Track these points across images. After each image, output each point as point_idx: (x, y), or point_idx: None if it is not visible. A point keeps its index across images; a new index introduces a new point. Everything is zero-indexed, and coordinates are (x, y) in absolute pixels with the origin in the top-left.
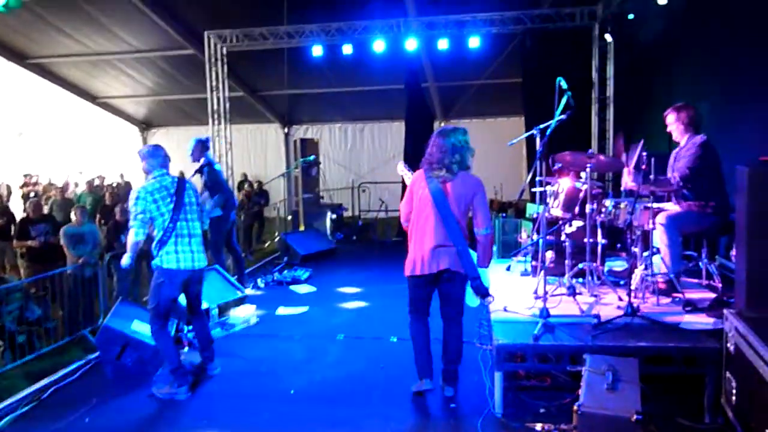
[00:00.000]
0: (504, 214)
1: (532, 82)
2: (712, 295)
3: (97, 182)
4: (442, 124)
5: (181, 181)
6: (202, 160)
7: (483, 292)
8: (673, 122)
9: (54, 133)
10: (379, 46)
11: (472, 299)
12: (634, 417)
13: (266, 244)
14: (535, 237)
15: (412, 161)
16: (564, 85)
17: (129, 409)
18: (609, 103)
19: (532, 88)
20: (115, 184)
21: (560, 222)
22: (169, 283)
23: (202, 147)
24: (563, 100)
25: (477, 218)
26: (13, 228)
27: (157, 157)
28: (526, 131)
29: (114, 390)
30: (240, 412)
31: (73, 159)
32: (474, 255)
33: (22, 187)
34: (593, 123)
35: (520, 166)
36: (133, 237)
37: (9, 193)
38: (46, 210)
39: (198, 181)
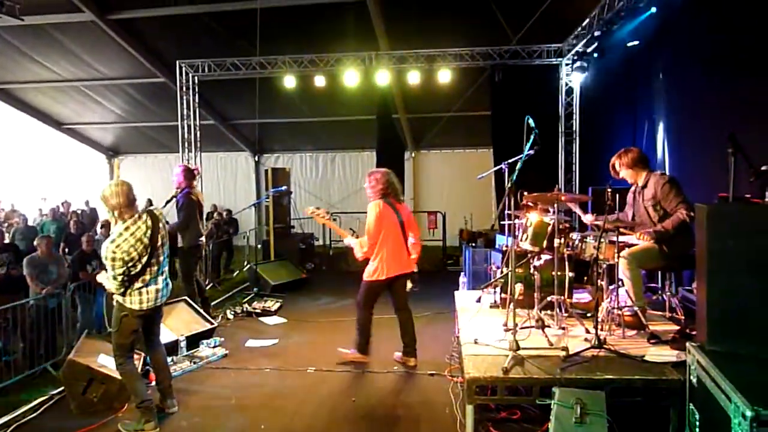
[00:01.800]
0: (474, 244)
1: (501, 115)
2: (676, 328)
3: (62, 209)
4: (413, 155)
5: (153, 222)
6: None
7: (415, 281)
8: (620, 168)
9: (17, 159)
10: (351, 79)
11: None
12: None
13: (235, 273)
14: (504, 270)
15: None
16: (531, 123)
17: None
18: (575, 137)
19: (500, 121)
20: (80, 211)
21: (528, 255)
22: (133, 318)
23: (190, 176)
24: (531, 138)
25: (413, 230)
26: None
27: (128, 199)
28: (495, 163)
29: (78, 427)
30: None
31: (36, 185)
32: None
33: None
34: (560, 156)
35: (489, 196)
36: (114, 291)
37: None
38: (7, 239)
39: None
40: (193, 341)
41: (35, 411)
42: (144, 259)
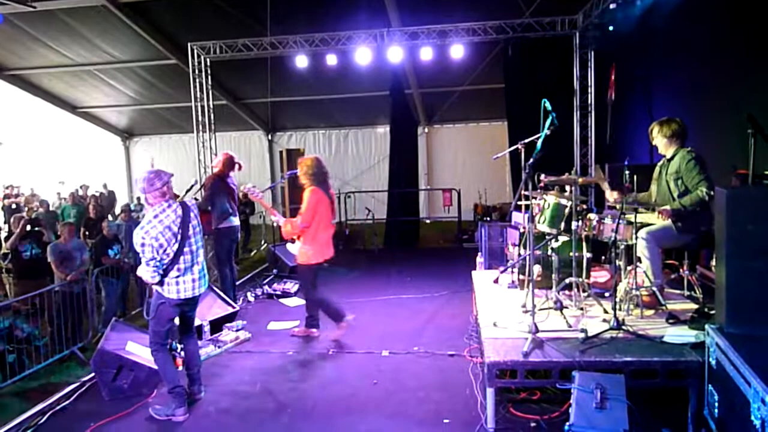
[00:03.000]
0: (488, 218)
1: (515, 89)
2: (694, 306)
3: (80, 192)
4: (426, 130)
5: (184, 211)
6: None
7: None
8: (657, 135)
9: (34, 144)
10: (362, 56)
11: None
12: None
13: (252, 253)
14: (522, 252)
15: (398, 165)
16: (548, 106)
17: None
18: (590, 111)
19: (514, 94)
20: (98, 194)
21: (547, 237)
22: (169, 306)
23: (229, 165)
24: (548, 121)
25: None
26: None
27: (155, 188)
28: (509, 135)
29: (110, 413)
30: None
31: (54, 169)
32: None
33: (3, 199)
34: (575, 130)
35: (504, 169)
36: (150, 279)
37: None
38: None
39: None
40: (216, 325)
41: (69, 398)
42: (175, 247)
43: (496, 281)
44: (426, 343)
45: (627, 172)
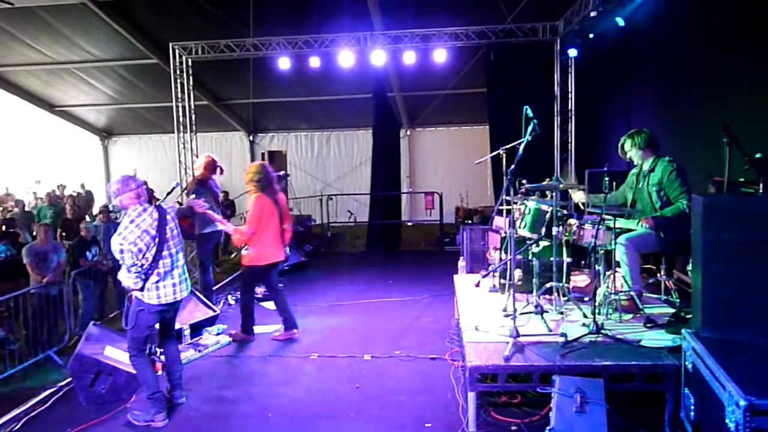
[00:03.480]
0: (470, 221)
1: (497, 93)
2: (671, 311)
3: (57, 192)
4: (408, 133)
5: (161, 214)
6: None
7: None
8: (630, 148)
9: (9, 142)
10: (345, 60)
11: None
12: None
13: (232, 255)
14: (503, 256)
15: (380, 167)
16: (530, 113)
17: None
18: (571, 117)
19: (496, 99)
20: (75, 194)
21: (528, 242)
22: (148, 313)
23: (211, 167)
24: (529, 127)
25: (287, 219)
26: None
27: (131, 188)
28: (491, 139)
29: (88, 419)
30: None
31: (30, 168)
32: None
33: None
34: (555, 135)
35: (485, 174)
36: (132, 285)
37: None
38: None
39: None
40: (197, 329)
41: (45, 403)
42: (153, 251)
43: (477, 285)
44: (408, 347)
45: (606, 178)
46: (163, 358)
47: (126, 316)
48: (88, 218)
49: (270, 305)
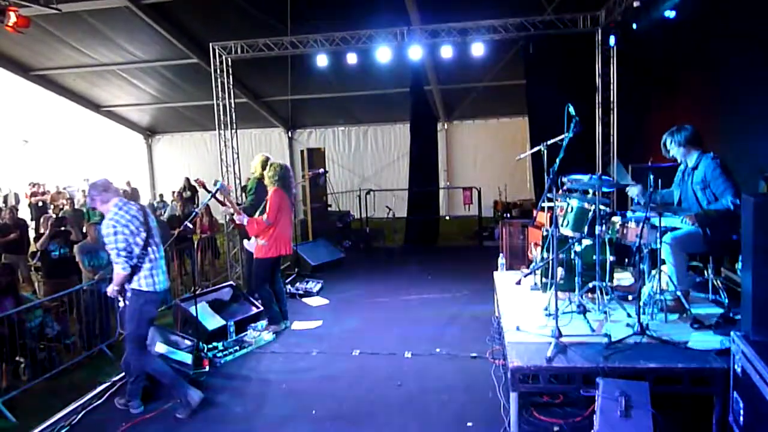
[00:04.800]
0: (508, 215)
1: (536, 85)
2: (719, 311)
3: None
4: (445, 126)
5: (143, 207)
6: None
7: None
8: (672, 146)
9: (59, 142)
10: (383, 55)
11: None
12: None
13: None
14: (545, 255)
15: (418, 161)
16: (572, 111)
17: None
18: (612, 108)
19: (535, 91)
20: (122, 191)
21: (570, 240)
22: (151, 303)
23: (265, 165)
24: (572, 126)
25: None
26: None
27: (109, 189)
28: (530, 131)
29: (142, 413)
30: None
31: (78, 167)
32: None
33: (30, 196)
34: (597, 128)
35: (524, 165)
36: (121, 272)
37: (17, 201)
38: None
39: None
40: (241, 325)
41: (100, 397)
42: (143, 235)
43: (518, 283)
44: (448, 345)
45: (651, 176)
46: (210, 354)
47: (123, 320)
48: None
49: (311, 301)
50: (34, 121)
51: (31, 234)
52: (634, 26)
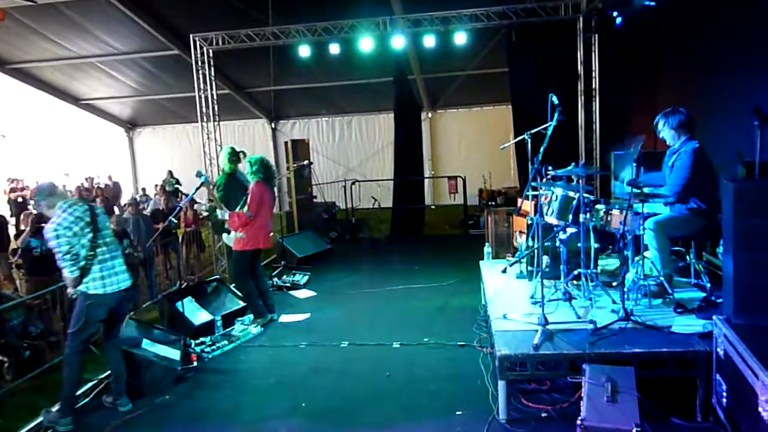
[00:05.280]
0: (493, 203)
1: (519, 73)
2: (701, 295)
3: (86, 184)
4: (429, 115)
5: (92, 207)
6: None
7: None
8: (663, 128)
9: (38, 136)
10: (366, 45)
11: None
12: (634, 430)
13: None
14: (531, 244)
15: (402, 151)
16: (555, 100)
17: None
18: (595, 96)
19: (518, 78)
20: (103, 185)
21: (555, 229)
22: (97, 306)
23: (234, 158)
24: (555, 115)
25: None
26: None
27: (55, 193)
28: (514, 119)
29: (129, 410)
30: (255, 429)
31: (58, 161)
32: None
33: (9, 192)
34: (579, 115)
35: (508, 153)
36: (69, 275)
37: None
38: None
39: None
40: (228, 319)
41: (88, 395)
42: (89, 236)
43: (504, 271)
44: (436, 334)
45: (633, 159)
46: (198, 349)
47: (71, 317)
48: (116, 210)
49: (298, 293)
50: (12, 116)
51: (11, 231)
52: (615, 14)
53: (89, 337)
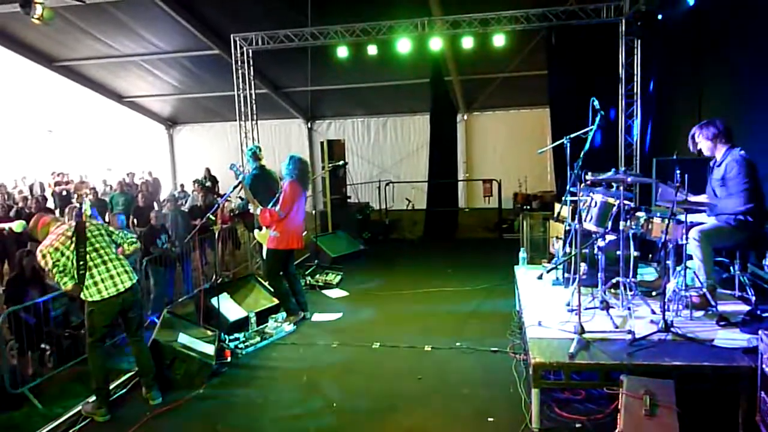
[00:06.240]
0: (528, 207)
1: (558, 76)
2: (746, 308)
3: (127, 180)
4: (465, 117)
5: (79, 225)
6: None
7: None
8: (700, 139)
9: (82, 132)
10: (403, 46)
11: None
12: None
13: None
14: (568, 250)
15: (437, 153)
16: (597, 104)
17: (180, 424)
18: (636, 100)
19: (557, 81)
20: (144, 181)
21: (593, 236)
22: (99, 313)
23: (254, 157)
24: (596, 119)
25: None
26: None
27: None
28: (552, 122)
29: (164, 402)
30: (286, 427)
31: (101, 156)
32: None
33: (54, 186)
34: (620, 120)
35: (545, 157)
36: (63, 288)
37: (42, 191)
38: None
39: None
40: (262, 316)
41: (125, 386)
42: (71, 248)
43: (540, 278)
44: (469, 338)
45: (678, 171)
46: (231, 345)
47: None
48: (155, 205)
49: (331, 293)
50: (58, 112)
51: None
52: (660, 16)
53: (103, 337)
